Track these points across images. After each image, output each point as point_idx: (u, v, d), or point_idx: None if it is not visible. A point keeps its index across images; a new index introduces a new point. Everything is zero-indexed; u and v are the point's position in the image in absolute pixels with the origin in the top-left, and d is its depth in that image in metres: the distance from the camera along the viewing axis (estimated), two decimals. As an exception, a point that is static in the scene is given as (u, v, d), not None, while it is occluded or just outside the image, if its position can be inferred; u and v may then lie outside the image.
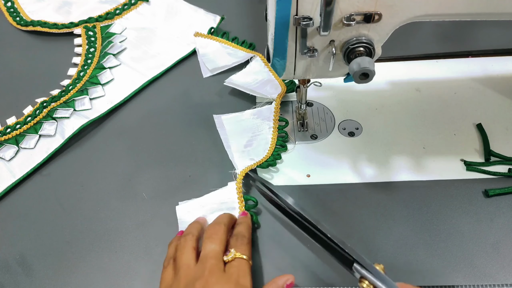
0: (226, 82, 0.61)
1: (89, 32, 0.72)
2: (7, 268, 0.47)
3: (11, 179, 0.54)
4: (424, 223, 0.48)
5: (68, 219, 0.51)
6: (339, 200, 0.50)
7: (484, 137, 0.54)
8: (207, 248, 0.41)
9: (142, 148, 0.57)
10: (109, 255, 0.48)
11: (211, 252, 0.40)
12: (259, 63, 0.64)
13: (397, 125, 0.57)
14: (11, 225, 0.51)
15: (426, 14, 0.40)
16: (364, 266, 0.38)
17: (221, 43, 0.68)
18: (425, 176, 0.52)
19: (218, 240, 0.41)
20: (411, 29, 0.55)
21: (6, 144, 0.57)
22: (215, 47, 0.68)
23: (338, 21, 0.39)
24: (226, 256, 0.40)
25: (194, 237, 0.43)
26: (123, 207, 0.52)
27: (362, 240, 0.47)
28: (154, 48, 0.70)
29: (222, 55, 0.67)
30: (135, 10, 0.76)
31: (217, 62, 0.66)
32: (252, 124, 0.57)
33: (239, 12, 0.76)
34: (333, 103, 0.60)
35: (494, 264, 0.44)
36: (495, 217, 0.48)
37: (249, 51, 0.66)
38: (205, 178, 0.53)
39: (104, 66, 0.67)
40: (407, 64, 0.65)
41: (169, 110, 0.62)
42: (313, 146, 0.56)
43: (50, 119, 0.59)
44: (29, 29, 0.73)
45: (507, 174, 0.51)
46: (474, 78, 0.62)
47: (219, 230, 0.43)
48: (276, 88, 0.60)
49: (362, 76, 0.40)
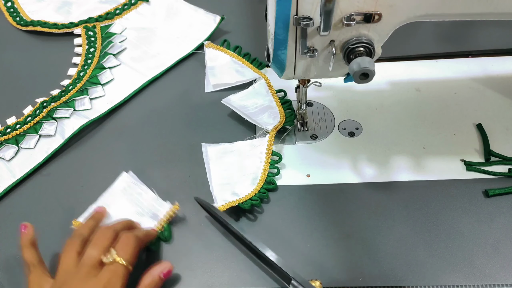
0: (224, 101, 0.59)
1: (89, 32, 0.72)
2: (7, 268, 0.47)
3: (11, 179, 0.54)
4: (424, 223, 0.48)
5: (68, 219, 0.51)
6: (339, 200, 0.50)
7: (484, 137, 0.54)
8: (86, 254, 0.41)
9: (142, 148, 0.57)
10: (109, 255, 0.48)
11: (88, 259, 0.40)
12: (263, 86, 0.61)
13: (397, 125, 0.57)
14: (11, 225, 0.51)
15: (426, 14, 0.40)
16: (300, 283, 0.42)
17: (232, 57, 0.65)
18: (425, 176, 0.52)
19: (101, 247, 0.41)
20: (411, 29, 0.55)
21: (6, 144, 0.57)
22: (225, 61, 0.65)
23: (338, 21, 0.39)
24: (105, 257, 0.40)
25: (79, 241, 0.43)
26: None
27: (362, 240, 0.47)
28: (154, 48, 0.70)
29: (229, 71, 0.64)
30: (135, 10, 0.76)
31: (221, 78, 0.63)
32: (242, 157, 0.54)
33: (239, 12, 0.76)
34: (333, 103, 0.60)
35: (494, 264, 0.44)
36: (495, 217, 0.48)
37: (257, 70, 0.63)
38: (205, 178, 0.53)
39: (104, 66, 0.67)
40: (407, 64, 0.65)
41: (169, 110, 0.62)
42: (313, 146, 0.56)
43: (50, 119, 0.59)
44: (29, 29, 0.73)
45: (507, 174, 0.51)
46: (474, 78, 0.62)
47: (105, 235, 0.42)
48: (274, 118, 0.56)
49: (362, 76, 0.40)
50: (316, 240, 0.47)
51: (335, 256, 0.46)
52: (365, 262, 0.45)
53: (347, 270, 0.45)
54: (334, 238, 0.47)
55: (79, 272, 0.39)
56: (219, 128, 0.59)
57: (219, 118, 0.60)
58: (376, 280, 0.44)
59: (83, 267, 0.39)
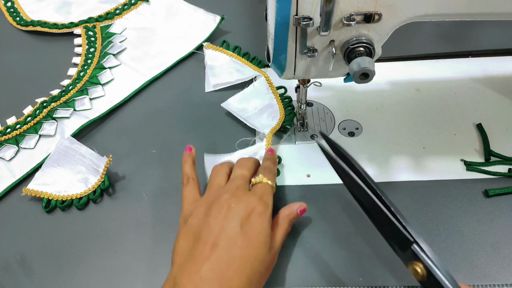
0: (223, 105, 0.59)
1: (89, 32, 0.72)
2: (7, 268, 0.47)
3: (11, 179, 0.54)
4: (424, 223, 0.48)
5: (68, 219, 0.51)
6: (339, 200, 0.50)
7: (484, 137, 0.54)
8: (236, 173, 0.45)
9: (142, 148, 0.57)
10: (109, 255, 0.48)
11: (239, 175, 0.45)
12: (263, 84, 0.61)
13: (397, 125, 0.57)
14: (11, 225, 0.51)
15: (426, 14, 0.40)
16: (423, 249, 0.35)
17: (231, 57, 0.65)
18: (425, 176, 0.52)
19: (247, 168, 0.46)
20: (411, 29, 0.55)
21: (6, 144, 0.57)
22: (224, 61, 0.65)
23: (338, 21, 0.39)
24: (254, 179, 0.44)
25: (229, 166, 0.48)
26: (123, 207, 0.52)
27: (362, 240, 0.47)
28: (154, 48, 0.70)
29: (229, 70, 0.64)
30: (135, 10, 0.76)
31: (221, 77, 0.63)
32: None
33: (239, 12, 0.76)
34: (333, 103, 0.60)
35: (494, 264, 0.44)
36: (495, 217, 0.48)
37: (257, 68, 0.63)
38: (205, 178, 0.53)
39: (104, 66, 0.67)
40: (407, 64, 0.65)
41: (169, 110, 0.62)
42: (313, 146, 0.56)
43: (50, 119, 0.59)
44: (29, 29, 0.73)
45: (507, 174, 0.51)
46: (474, 78, 0.62)
47: (249, 161, 0.47)
48: (273, 118, 0.57)
49: (362, 76, 0.40)
50: (316, 240, 0.47)
51: (335, 256, 0.46)
52: (365, 262, 0.45)
53: (347, 270, 0.45)
54: (334, 238, 0.47)
55: (230, 186, 0.43)
56: (219, 128, 0.59)
57: (219, 118, 0.60)
58: (376, 280, 0.44)
59: (234, 182, 0.43)
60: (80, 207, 0.51)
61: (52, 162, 0.54)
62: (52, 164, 0.54)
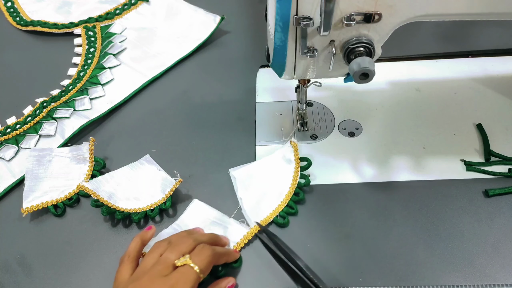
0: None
1: (89, 32, 0.72)
2: (7, 268, 0.47)
3: (11, 179, 0.54)
4: (424, 223, 0.48)
5: (68, 219, 0.51)
6: (339, 200, 0.50)
7: (484, 137, 0.54)
8: (163, 256, 0.41)
9: (142, 148, 0.57)
10: (109, 255, 0.48)
11: (163, 259, 0.41)
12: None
13: (397, 125, 0.57)
14: (11, 225, 0.51)
15: (426, 14, 0.40)
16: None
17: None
18: (425, 176, 0.52)
19: (178, 251, 0.41)
20: (411, 29, 0.55)
21: (6, 144, 0.57)
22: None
23: (338, 21, 0.39)
24: (178, 260, 0.41)
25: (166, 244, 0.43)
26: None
27: (362, 240, 0.47)
28: (154, 48, 0.70)
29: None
30: (135, 10, 0.76)
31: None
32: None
33: (239, 12, 0.76)
34: (333, 103, 0.60)
35: (494, 264, 0.44)
36: (495, 217, 0.48)
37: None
38: (205, 178, 0.53)
39: (104, 66, 0.67)
40: (407, 64, 0.65)
41: (169, 110, 0.62)
42: (313, 146, 0.56)
43: (50, 119, 0.59)
44: (29, 29, 0.73)
45: (507, 174, 0.51)
46: (474, 78, 0.62)
47: (185, 242, 0.43)
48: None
49: (362, 76, 0.40)
50: (316, 240, 0.47)
51: (335, 256, 0.46)
52: (365, 262, 0.45)
53: (347, 270, 0.45)
54: (334, 238, 0.47)
55: (152, 270, 0.40)
56: (219, 128, 0.59)
57: (219, 118, 0.60)
58: (376, 280, 0.44)
59: (157, 266, 0.40)
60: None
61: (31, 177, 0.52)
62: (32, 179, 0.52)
